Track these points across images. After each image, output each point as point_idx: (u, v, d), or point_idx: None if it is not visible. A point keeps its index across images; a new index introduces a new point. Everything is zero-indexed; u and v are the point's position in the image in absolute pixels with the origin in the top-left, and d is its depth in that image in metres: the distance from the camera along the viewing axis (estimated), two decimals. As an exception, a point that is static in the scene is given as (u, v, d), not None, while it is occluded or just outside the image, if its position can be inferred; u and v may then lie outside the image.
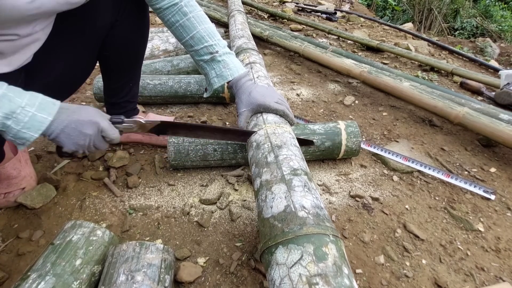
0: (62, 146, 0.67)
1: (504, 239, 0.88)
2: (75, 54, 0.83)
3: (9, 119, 0.57)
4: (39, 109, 0.60)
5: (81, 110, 0.68)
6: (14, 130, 0.58)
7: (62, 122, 0.64)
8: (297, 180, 0.62)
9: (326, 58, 1.67)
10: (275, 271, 0.50)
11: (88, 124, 0.67)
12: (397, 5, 6.20)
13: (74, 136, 0.66)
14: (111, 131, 0.72)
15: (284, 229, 0.54)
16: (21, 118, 0.58)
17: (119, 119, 0.76)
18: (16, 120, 0.58)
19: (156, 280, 0.60)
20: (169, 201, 0.94)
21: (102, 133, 0.71)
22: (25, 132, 0.59)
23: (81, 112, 0.67)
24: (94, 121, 0.68)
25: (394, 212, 0.94)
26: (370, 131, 1.31)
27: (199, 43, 0.85)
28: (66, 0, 0.64)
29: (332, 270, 0.47)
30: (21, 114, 0.58)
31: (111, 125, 0.73)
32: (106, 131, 0.71)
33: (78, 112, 0.67)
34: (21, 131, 0.59)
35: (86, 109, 0.69)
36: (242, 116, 0.86)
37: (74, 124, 0.65)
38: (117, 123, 0.75)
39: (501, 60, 3.09)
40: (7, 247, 0.80)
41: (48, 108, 0.62)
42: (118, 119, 0.76)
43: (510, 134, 1.08)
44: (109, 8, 0.82)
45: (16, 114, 0.58)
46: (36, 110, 0.60)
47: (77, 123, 0.66)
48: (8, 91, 0.58)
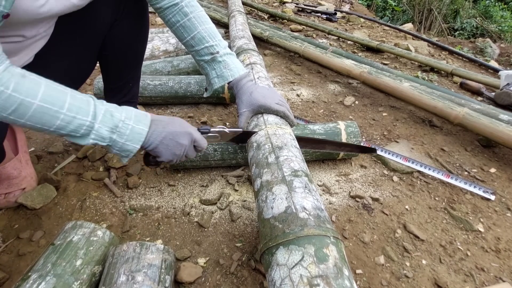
0: (159, 156, 0.70)
1: (504, 240, 0.88)
2: (75, 54, 0.83)
3: (114, 133, 0.61)
4: (136, 121, 0.64)
5: (175, 121, 0.71)
6: (119, 144, 0.62)
7: (160, 134, 0.67)
8: (297, 181, 0.63)
9: (326, 58, 1.68)
10: (275, 271, 0.50)
11: (184, 135, 0.70)
12: (397, 6, 6.20)
13: (172, 147, 0.69)
14: (202, 141, 0.75)
15: (285, 230, 0.54)
16: (123, 131, 0.62)
17: (206, 129, 0.79)
18: (120, 133, 0.62)
19: (157, 280, 0.60)
20: (170, 202, 0.94)
21: (194, 143, 0.74)
22: (128, 144, 0.63)
23: (175, 123, 0.70)
24: (189, 131, 0.71)
25: (394, 212, 0.94)
26: (370, 132, 1.31)
27: (200, 43, 0.85)
28: (72, 3, 0.65)
29: (333, 271, 0.47)
30: (123, 128, 0.62)
31: (201, 135, 0.76)
32: (199, 141, 0.74)
33: (173, 123, 0.70)
34: (125, 143, 0.63)
35: (179, 121, 0.72)
36: (243, 117, 0.86)
37: (172, 135, 0.68)
38: (205, 133, 0.79)
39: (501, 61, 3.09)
40: (8, 248, 0.80)
41: (143, 119, 0.65)
42: (206, 129, 0.79)
43: (509, 134, 1.08)
44: (109, 8, 0.82)
45: (119, 128, 0.62)
46: (134, 122, 0.64)
47: (174, 134, 0.69)
48: (108, 106, 0.62)
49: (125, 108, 0.65)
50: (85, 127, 0.59)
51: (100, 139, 0.61)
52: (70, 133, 0.58)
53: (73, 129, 0.58)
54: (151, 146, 0.67)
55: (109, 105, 0.63)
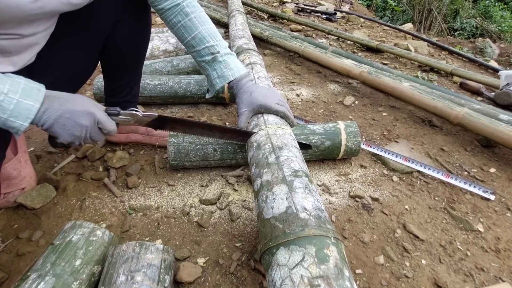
0: (57, 137, 0.65)
1: (503, 240, 0.88)
2: (77, 54, 0.83)
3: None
4: (23, 95, 0.57)
5: (75, 99, 0.64)
6: (1, 119, 0.56)
7: (56, 112, 0.61)
8: (298, 182, 0.62)
9: (326, 58, 1.68)
10: (276, 271, 0.50)
11: (84, 115, 0.64)
12: (396, 6, 6.20)
13: (70, 127, 0.63)
14: (108, 123, 0.70)
15: (286, 230, 0.54)
16: (5, 106, 0.55)
17: (115, 111, 0.73)
18: (1, 107, 0.54)
19: (156, 280, 0.60)
20: (169, 202, 0.94)
21: (98, 124, 0.68)
22: (13, 120, 0.56)
23: (75, 101, 0.64)
24: (90, 111, 0.66)
25: (394, 212, 0.94)
26: (370, 132, 1.31)
27: (200, 43, 0.85)
28: (68, 1, 0.64)
29: (334, 272, 0.47)
30: (5, 102, 0.55)
31: (108, 117, 0.71)
32: (103, 122, 0.69)
33: (72, 101, 0.64)
34: (9, 119, 0.56)
35: (79, 98, 0.66)
36: (243, 116, 0.86)
37: (69, 114, 0.62)
38: (113, 115, 0.73)
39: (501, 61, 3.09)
40: (7, 247, 0.80)
41: (33, 94, 0.58)
42: (114, 110, 0.73)
43: (509, 134, 1.08)
44: (111, 9, 0.82)
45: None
46: (21, 97, 0.56)
47: (72, 113, 0.63)
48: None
49: (12, 79, 0.57)
50: None
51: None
52: None
53: None
54: (45, 125, 0.61)
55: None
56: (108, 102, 1.08)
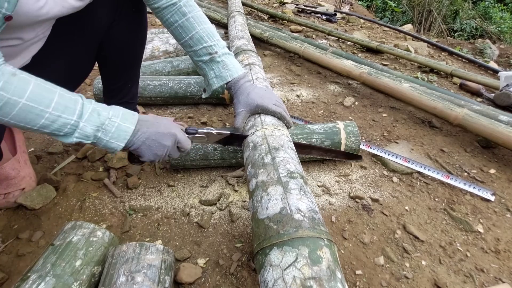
0: (142, 156, 0.70)
1: (503, 240, 0.88)
2: (73, 55, 0.83)
3: (99, 131, 0.62)
4: (123, 119, 0.64)
5: (160, 122, 0.71)
6: (104, 141, 0.63)
7: (144, 134, 0.67)
8: (293, 183, 0.62)
9: (326, 59, 1.68)
10: (268, 272, 0.50)
11: (167, 136, 0.70)
12: (396, 7, 6.21)
13: (154, 148, 0.69)
14: (186, 143, 0.75)
15: (280, 230, 0.54)
16: (108, 129, 0.62)
17: (194, 130, 0.79)
18: (105, 131, 0.62)
19: (156, 281, 0.60)
20: (169, 202, 0.94)
21: (177, 144, 0.74)
22: (112, 142, 0.64)
23: (160, 124, 0.71)
24: (173, 133, 0.71)
25: (393, 213, 0.94)
26: (370, 132, 1.31)
27: (198, 43, 0.85)
28: (70, 5, 0.65)
29: (326, 274, 0.47)
30: (108, 125, 0.62)
31: (186, 136, 0.76)
32: (182, 142, 0.74)
33: (157, 124, 0.70)
34: (109, 141, 0.63)
35: (164, 121, 0.73)
36: (240, 116, 0.86)
37: (155, 136, 0.69)
38: (191, 134, 0.78)
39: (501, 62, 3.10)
40: (7, 248, 0.80)
41: (130, 118, 0.66)
42: (193, 130, 0.79)
43: (509, 135, 1.09)
44: (106, 9, 0.82)
45: (104, 125, 0.62)
46: (121, 120, 0.64)
47: (158, 135, 0.69)
48: (96, 105, 0.62)
49: (113, 107, 0.65)
50: (70, 126, 0.58)
51: (84, 137, 0.61)
52: (53, 132, 0.58)
53: (57, 127, 0.58)
54: (134, 146, 0.68)
55: (98, 105, 0.63)
56: (107, 103, 1.08)
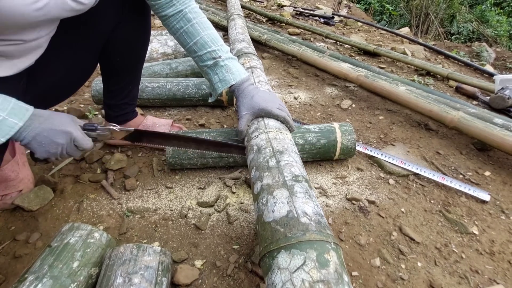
0: (34, 153, 0.68)
1: (498, 242, 0.89)
2: (77, 57, 0.84)
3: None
4: (10, 114, 0.60)
5: (54, 118, 0.68)
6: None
7: (34, 130, 0.64)
8: (298, 187, 0.63)
9: (323, 62, 1.69)
10: (276, 275, 0.50)
11: (61, 134, 0.68)
12: (394, 10, 6.25)
13: (46, 144, 0.66)
14: (83, 141, 0.73)
15: (287, 234, 0.54)
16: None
17: (93, 127, 0.76)
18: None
19: (153, 282, 0.60)
20: (167, 204, 0.94)
21: (74, 142, 0.71)
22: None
23: (54, 120, 0.67)
24: (67, 130, 0.69)
25: (390, 215, 0.95)
26: (367, 135, 1.32)
27: (202, 48, 0.86)
28: (71, 7, 0.65)
29: (334, 277, 0.47)
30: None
31: (84, 135, 0.74)
32: (79, 141, 0.72)
33: (51, 120, 0.67)
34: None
35: (59, 117, 0.69)
36: (243, 119, 0.87)
37: (46, 132, 0.66)
38: (91, 131, 0.76)
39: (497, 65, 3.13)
40: (4, 250, 0.80)
41: (20, 113, 0.62)
42: (92, 126, 0.76)
43: (504, 138, 1.10)
44: (111, 11, 0.83)
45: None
46: (7, 115, 0.60)
47: (50, 131, 0.66)
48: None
49: (3, 98, 0.61)
50: None
51: None
52: None
53: None
54: (24, 141, 0.64)
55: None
56: (107, 104, 1.09)
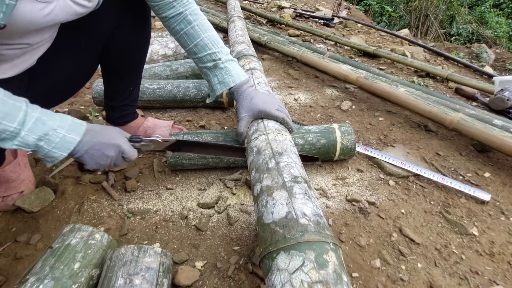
0: (84, 164, 0.72)
1: (498, 243, 0.89)
2: (78, 58, 0.85)
3: (42, 141, 0.61)
4: (69, 130, 0.65)
5: (105, 132, 0.72)
6: (45, 150, 0.62)
7: (87, 143, 0.68)
8: (298, 188, 0.63)
9: (323, 63, 1.70)
10: (276, 276, 0.50)
11: (111, 147, 0.72)
12: (393, 12, 6.27)
13: (97, 157, 0.70)
14: (131, 153, 0.76)
15: (286, 235, 0.54)
16: (52, 139, 0.62)
17: (138, 138, 0.80)
18: (48, 141, 0.62)
19: (154, 283, 0.60)
20: (167, 205, 0.95)
21: (122, 154, 0.75)
22: (55, 152, 0.64)
23: (105, 134, 0.71)
24: (117, 144, 0.72)
25: (390, 216, 0.95)
26: (367, 136, 1.32)
27: (202, 50, 0.87)
28: (76, 11, 0.66)
29: (333, 277, 0.48)
30: (53, 136, 0.62)
31: (131, 146, 0.77)
32: (127, 153, 0.75)
33: (102, 134, 0.71)
34: (52, 151, 0.63)
35: (109, 131, 0.73)
36: (243, 121, 0.87)
37: (98, 146, 0.69)
38: (136, 142, 0.79)
39: (497, 66, 3.13)
40: (5, 251, 0.80)
41: (77, 129, 0.66)
42: (137, 138, 0.80)
43: (503, 139, 1.10)
44: (112, 13, 0.83)
45: (48, 136, 0.62)
46: (67, 131, 0.64)
47: (101, 145, 0.70)
48: (42, 114, 0.62)
49: (61, 116, 0.65)
50: (8, 132, 0.57)
51: (25, 145, 0.60)
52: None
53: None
54: (77, 155, 0.68)
55: (44, 112, 0.62)
56: (108, 106, 1.09)
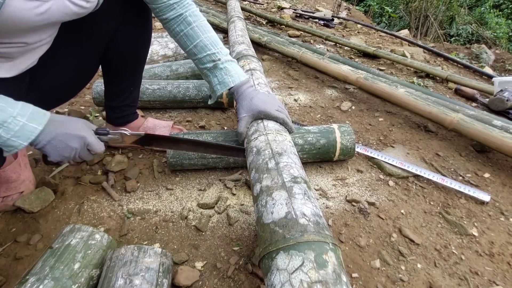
0: (48, 156, 0.70)
1: (497, 244, 0.89)
2: (79, 58, 0.85)
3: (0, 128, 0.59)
4: (30, 119, 0.62)
5: (69, 123, 0.70)
6: (3, 138, 0.60)
7: (50, 134, 0.66)
8: (297, 188, 0.63)
9: (323, 64, 1.70)
10: (275, 276, 0.50)
11: (75, 138, 0.70)
12: (393, 12, 6.28)
13: (60, 148, 0.68)
14: (96, 145, 0.75)
15: (286, 235, 0.54)
16: (11, 127, 0.60)
17: (105, 131, 0.78)
18: (7, 129, 0.59)
19: (154, 284, 0.61)
20: (167, 205, 0.95)
21: (88, 146, 0.73)
22: (14, 140, 0.61)
23: (69, 125, 0.69)
24: (81, 135, 0.71)
25: (390, 216, 0.95)
26: (367, 137, 1.33)
27: (202, 51, 0.87)
28: (73, 11, 0.66)
29: (332, 277, 0.48)
30: (12, 124, 0.60)
31: (97, 139, 0.76)
32: (92, 145, 0.74)
33: (66, 125, 0.69)
34: (10, 139, 0.60)
35: (74, 122, 0.71)
36: (243, 122, 0.87)
37: (61, 137, 0.67)
38: (103, 135, 0.78)
39: (496, 66, 3.14)
40: (5, 251, 0.80)
41: (39, 118, 0.64)
42: (104, 130, 0.78)
43: (503, 140, 1.10)
44: (113, 13, 0.83)
45: (7, 123, 0.59)
46: (27, 120, 0.61)
47: (64, 136, 0.68)
48: (4, 101, 0.59)
49: (22, 103, 0.62)
50: None
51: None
52: None
53: None
54: (39, 145, 0.66)
55: (5, 99, 0.60)
56: (108, 106, 1.09)
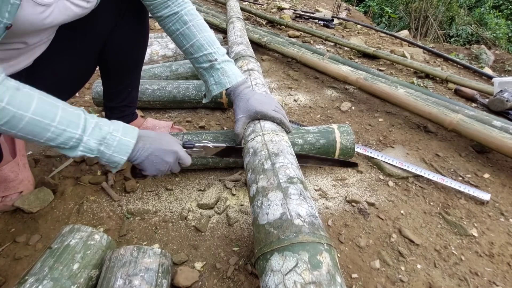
0: (144, 171, 0.74)
1: (497, 244, 0.89)
2: (75, 58, 0.85)
3: (102, 145, 0.64)
4: (123, 133, 0.67)
5: (162, 138, 0.74)
6: (107, 155, 0.65)
7: (147, 150, 0.70)
8: (293, 188, 0.63)
9: (323, 64, 1.70)
10: (269, 277, 0.50)
11: (170, 153, 0.74)
12: (393, 13, 6.28)
13: (157, 163, 0.72)
14: (186, 159, 0.79)
15: (280, 236, 0.54)
16: (110, 143, 0.65)
17: (191, 144, 0.81)
18: (107, 145, 0.65)
19: (154, 284, 0.60)
20: (167, 206, 0.95)
21: (179, 160, 0.77)
22: (115, 155, 0.66)
23: (162, 140, 0.74)
24: (174, 150, 0.74)
25: (389, 217, 0.95)
26: (366, 137, 1.32)
27: (198, 51, 0.87)
28: (74, 13, 0.67)
29: (326, 278, 0.48)
30: (110, 139, 0.65)
31: (186, 153, 0.79)
32: (183, 159, 0.77)
33: (159, 140, 0.73)
34: (112, 155, 0.66)
35: (166, 138, 0.75)
36: (239, 122, 0.87)
37: (158, 152, 0.72)
38: (189, 148, 0.81)
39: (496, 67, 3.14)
40: (4, 251, 0.80)
41: (130, 132, 0.69)
42: (190, 144, 0.81)
43: (502, 140, 1.10)
44: (109, 13, 0.83)
45: (106, 139, 0.64)
46: (122, 135, 0.67)
47: (160, 151, 0.72)
48: (98, 120, 0.65)
49: (114, 122, 0.68)
50: (74, 140, 0.61)
51: (89, 151, 0.64)
52: (59, 145, 0.61)
53: (62, 141, 0.60)
54: (137, 161, 0.70)
55: (99, 119, 0.66)
56: (107, 107, 1.09)
